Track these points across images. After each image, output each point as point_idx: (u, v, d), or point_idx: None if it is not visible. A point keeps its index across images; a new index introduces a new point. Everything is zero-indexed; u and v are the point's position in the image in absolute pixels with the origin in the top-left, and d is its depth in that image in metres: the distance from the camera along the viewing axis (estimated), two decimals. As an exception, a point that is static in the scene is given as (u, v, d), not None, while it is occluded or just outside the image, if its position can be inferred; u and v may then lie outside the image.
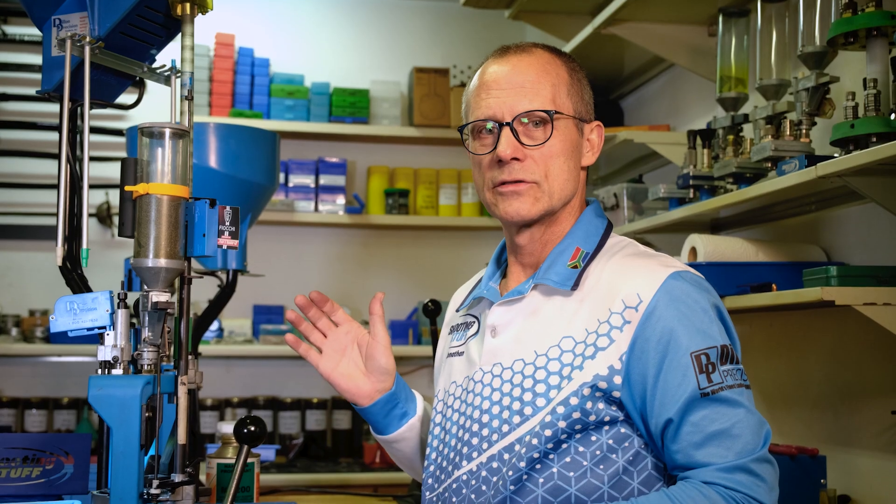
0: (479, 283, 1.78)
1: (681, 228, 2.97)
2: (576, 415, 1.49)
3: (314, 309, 1.75)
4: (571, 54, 3.30)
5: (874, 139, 2.04)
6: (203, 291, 3.48)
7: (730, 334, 1.54)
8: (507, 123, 1.60)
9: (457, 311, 1.81)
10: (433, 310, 2.37)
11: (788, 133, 2.38)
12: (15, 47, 4.49)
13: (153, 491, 1.48)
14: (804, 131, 2.37)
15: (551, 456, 1.51)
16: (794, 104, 2.40)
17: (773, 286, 2.35)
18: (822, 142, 2.44)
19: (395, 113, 4.65)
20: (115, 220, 4.36)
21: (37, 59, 4.38)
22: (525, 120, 1.60)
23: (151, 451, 1.51)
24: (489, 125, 1.62)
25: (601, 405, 1.49)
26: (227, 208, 1.57)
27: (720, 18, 2.76)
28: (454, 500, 1.59)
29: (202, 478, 2.24)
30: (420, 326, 4.56)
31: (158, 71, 1.81)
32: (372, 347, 1.73)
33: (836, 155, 2.13)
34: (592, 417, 1.49)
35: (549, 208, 1.62)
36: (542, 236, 1.66)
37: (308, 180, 4.54)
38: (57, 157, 1.74)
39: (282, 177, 4.48)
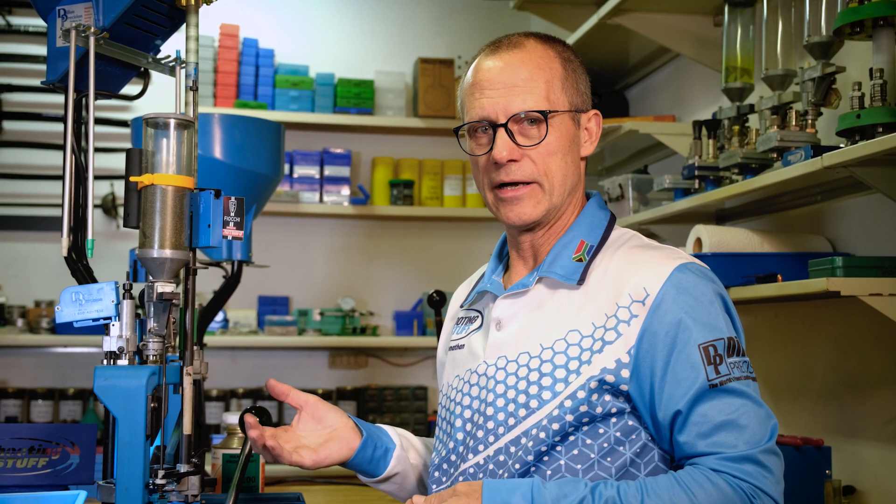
0: (482, 278, 1.77)
1: (686, 219, 2.96)
2: (583, 408, 1.49)
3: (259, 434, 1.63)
4: (574, 44, 3.31)
5: (880, 129, 2.04)
6: (208, 282, 3.48)
7: (735, 326, 1.54)
8: (502, 125, 1.59)
9: (461, 306, 1.81)
10: (438, 300, 2.37)
11: (794, 123, 2.38)
12: (19, 38, 4.49)
13: (159, 481, 1.48)
14: (810, 121, 2.36)
15: (558, 448, 1.51)
16: (800, 94, 2.40)
17: (779, 277, 2.35)
18: (827, 132, 2.44)
19: (399, 104, 4.65)
20: (121, 210, 4.37)
21: (41, 49, 4.39)
22: (522, 115, 1.59)
23: (157, 442, 1.52)
24: (487, 126, 1.61)
25: (608, 397, 1.49)
26: (232, 199, 1.57)
27: (726, 8, 2.75)
28: (461, 492, 1.59)
29: (207, 468, 2.24)
30: (425, 317, 4.57)
31: (163, 62, 1.80)
32: (314, 410, 1.70)
33: (841, 145, 2.12)
34: (599, 410, 1.49)
35: (551, 206, 1.62)
36: (545, 233, 1.66)
37: (313, 171, 4.54)
38: (62, 147, 1.74)
39: (286, 168, 4.48)
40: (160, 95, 3.05)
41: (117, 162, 4.29)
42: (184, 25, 1.72)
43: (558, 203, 1.62)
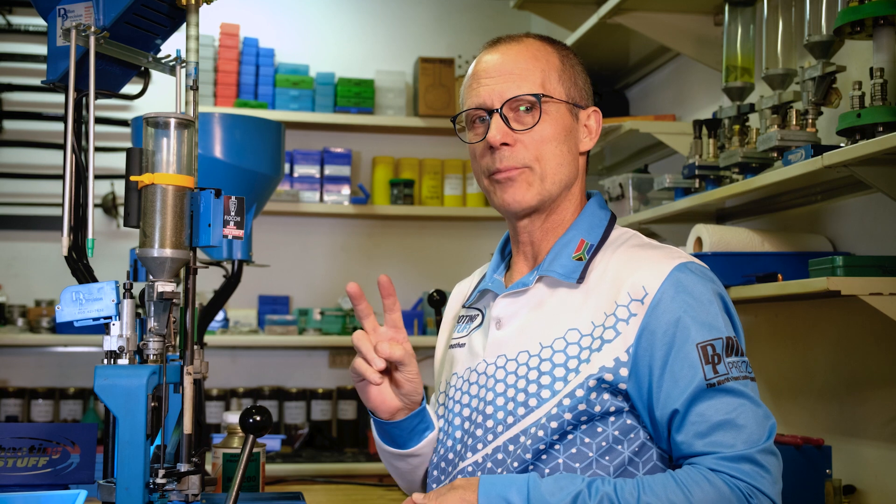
0: (484, 277, 1.77)
1: (686, 218, 2.96)
2: (581, 406, 1.49)
3: (364, 303, 1.58)
4: (575, 44, 3.31)
5: (880, 129, 2.04)
6: (208, 282, 3.49)
7: (734, 326, 1.54)
8: (497, 110, 1.61)
9: (463, 305, 1.81)
10: (438, 300, 2.37)
11: (794, 123, 2.38)
12: (20, 37, 4.49)
13: (159, 480, 1.48)
14: (810, 121, 2.36)
15: (557, 447, 1.51)
16: (801, 94, 2.40)
17: (779, 276, 2.35)
18: (828, 131, 2.44)
19: (400, 103, 4.65)
20: (121, 210, 4.37)
21: (42, 49, 4.39)
22: (522, 108, 1.61)
23: (157, 441, 1.52)
24: (484, 116, 1.63)
25: (606, 396, 1.49)
26: (233, 198, 1.57)
27: (726, 7, 2.75)
28: (460, 491, 1.58)
29: (208, 467, 2.24)
30: (425, 317, 4.57)
31: (163, 61, 1.80)
32: (404, 385, 1.60)
33: (842, 145, 2.12)
34: (598, 408, 1.49)
35: (545, 193, 1.62)
36: (542, 224, 1.66)
37: (313, 171, 4.54)
38: (62, 147, 1.74)
39: (287, 167, 4.48)
40: (160, 95, 3.05)
41: (118, 161, 4.29)
42: (184, 25, 1.72)
43: (552, 190, 1.63)
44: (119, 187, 4.42)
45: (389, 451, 1.71)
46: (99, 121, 4.31)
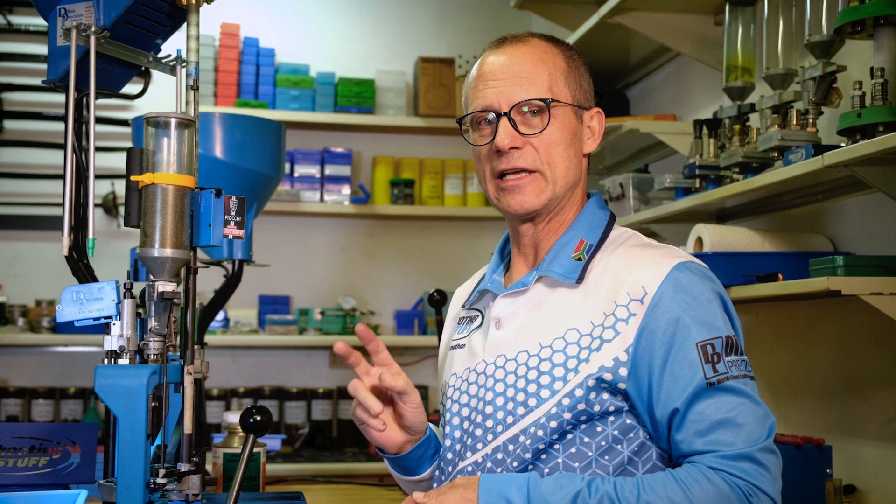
0: (484, 278, 1.77)
1: (687, 218, 2.96)
2: (581, 406, 1.49)
3: (354, 355, 1.62)
4: (575, 44, 3.31)
5: (881, 128, 2.04)
6: (209, 281, 3.49)
7: (734, 325, 1.54)
8: (505, 114, 1.60)
9: (463, 306, 1.81)
10: (438, 300, 2.37)
11: (795, 122, 2.38)
12: (20, 37, 4.49)
13: (159, 480, 1.48)
14: (811, 121, 2.36)
15: (556, 446, 1.51)
16: (801, 93, 2.40)
17: (780, 276, 2.35)
18: (828, 131, 2.44)
19: (400, 103, 4.65)
20: (121, 209, 4.37)
21: (42, 48, 4.39)
22: (525, 109, 1.61)
23: (158, 441, 1.52)
24: (489, 116, 1.62)
25: (606, 396, 1.49)
26: (233, 198, 1.57)
27: (727, 7, 2.75)
28: (460, 490, 1.59)
29: (208, 467, 2.25)
30: (425, 316, 4.57)
31: (164, 61, 1.80)
32: (407, 415, 1.62)
33: (842, 144, 2.12)
34: (597, 408, 1.49)
35: (553, 197, 1.62)
36: (545, 225, 1.66)
37: (313, 170, 4.54)
38: (63, 147, 1.74)
39: (287, 167, 4.48)
40: (161, 95, 3.05)
41: (118, 161, 4.29)
42: (184, 24, 1.72)
43: (560, 194, 1.63)
44: (119, 187, 4.43)
45: (403, 479, 1.74)
46: (99, 121, 4.31)
